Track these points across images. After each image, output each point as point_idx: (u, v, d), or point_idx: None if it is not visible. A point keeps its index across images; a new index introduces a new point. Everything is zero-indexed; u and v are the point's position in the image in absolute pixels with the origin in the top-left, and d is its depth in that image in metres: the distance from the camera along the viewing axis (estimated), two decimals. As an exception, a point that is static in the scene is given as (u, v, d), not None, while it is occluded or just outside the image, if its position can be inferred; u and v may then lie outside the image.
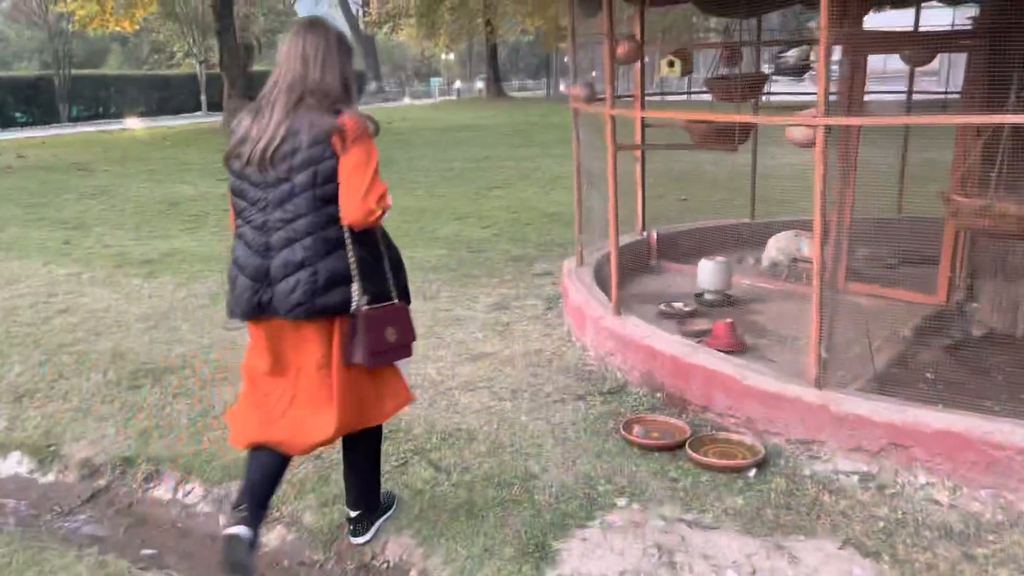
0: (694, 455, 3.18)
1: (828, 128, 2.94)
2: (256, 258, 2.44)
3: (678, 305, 5.07)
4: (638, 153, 6.15)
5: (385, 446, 3.28)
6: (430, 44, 38.03)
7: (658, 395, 3.82)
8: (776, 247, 5.79)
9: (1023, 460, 2.71)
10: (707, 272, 5.27)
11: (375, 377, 2.58)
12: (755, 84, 4.94)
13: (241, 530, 2.47)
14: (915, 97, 6.14)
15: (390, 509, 2.97)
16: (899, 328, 4.52)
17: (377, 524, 2.90)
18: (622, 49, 4.03)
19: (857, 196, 5.16)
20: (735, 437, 3.32)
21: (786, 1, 6.00)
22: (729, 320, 4.37)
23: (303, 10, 42.11)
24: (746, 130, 4.77)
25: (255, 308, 2.46)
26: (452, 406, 3.81)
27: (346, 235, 2.42)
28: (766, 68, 5.23)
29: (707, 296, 5.31)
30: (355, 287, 2.43)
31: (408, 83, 55.74)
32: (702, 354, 3.65)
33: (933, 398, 3.30)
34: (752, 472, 3.10)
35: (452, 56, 53.62)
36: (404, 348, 2.57)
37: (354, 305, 2.43)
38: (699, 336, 4.55)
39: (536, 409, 3.74)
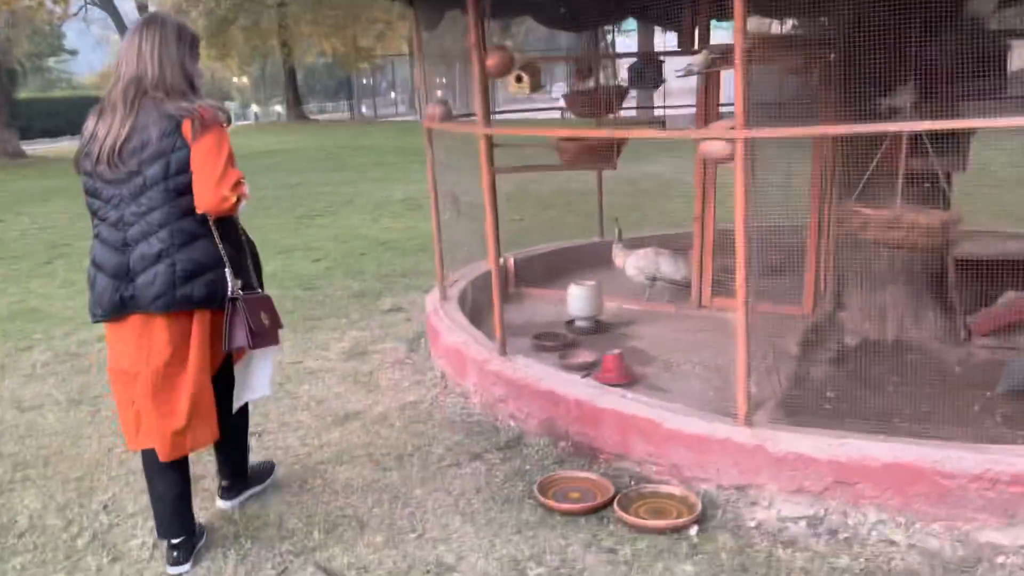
0: (626, 516, 2.80)
1: (749, 141, 2.68)
2: (115, 255, 2.46)
3: (554, 337, 4.72)
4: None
5: (257, 548, 2.76)
6: (220, 67, 35.98)
7: (562, 444, 3.42)
8: (635, 266, 5.58)
9: (976, 488, 2.55)
10: (577, 298, 4.97)
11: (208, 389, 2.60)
12: (616, 97, 4.70)
13: (180, 569, 2.63)
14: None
15: (264, 482, 3.15)
16: (779, 344, 4.41)
17: (246, 495, 3.07)
18: (492, 60, 3.62)
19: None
20: (664, 489, 2.98)
21: (628, 12, 5.86)
22: (617, 352, 4.06)
23: (73, 34, 38.62)
24: (620, 146, 4.51)
25: (117, 305, 2.47)
26: (328, 485, 3.21)
27: (212, 226, 2.48)
28: (623, 81, 4.98)
29: (578, 323, 5.01)
30: (228, 274, 2.51)
31: (195, 107, 52.50)
32: (611, 396, 3.29)
33: (844, 421, 3.14)
34: (694, 530, 2.76)
35: (245, 79, 51.30)
36: (274, 334, 2.68)
37: (230, 291, 2.50)
38: (584, 370, 4.22)
39: (430, 478, 3.23)
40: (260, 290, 2.68)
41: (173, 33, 2.48)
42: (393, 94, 47.93)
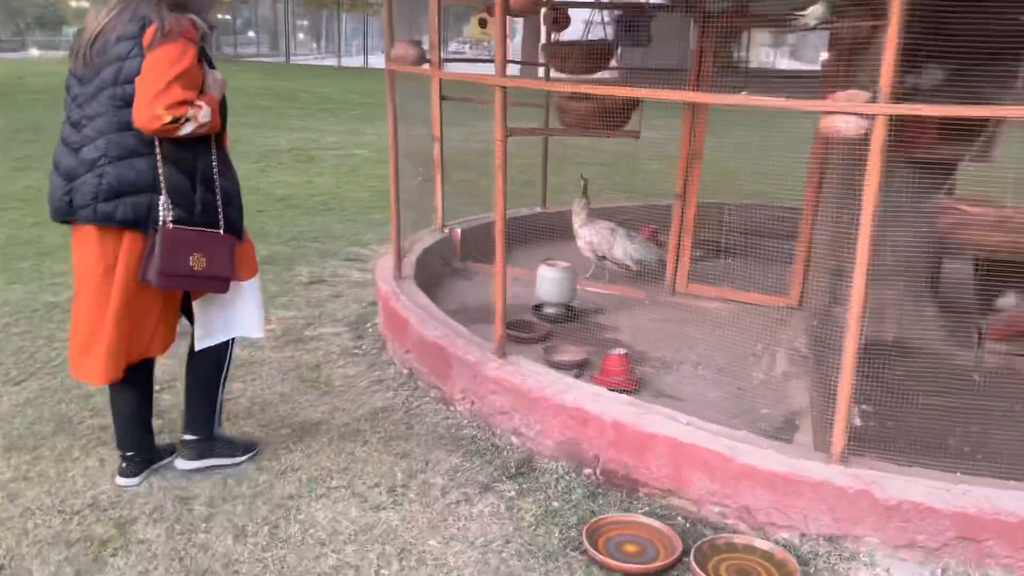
0: (710, 581, 2.25)
1: (892, 120, 2.13)
2: (69, 156, 2.39)
3: (528, 327, 4.09)
4: (435, 131, 5.02)
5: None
6: (60, -14, 32.30)
7: (587, 472, 2.83)
8: (586, 240, 5.00)
9: None
10: (549, 281, 4.35)
11: (157, 307, 2.49)
12: (601, 53, 4.06)
13: (128, 482, 2.66)
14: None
15: (234, 457, 2.81)
16: (777, 340, 3.98)
17: (208, 463, 2.77)
18: (517, -4, 2.89)
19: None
20: (739, 540, 2.44)
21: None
22: (622, 351, 3.49)
23: None
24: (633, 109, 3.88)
25: (62, 208, 2.40)
26: (306, 528, 2.47)
27: (156, 146, 2.32)
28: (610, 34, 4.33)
29: (548, 309, 4.40)
30: (162, 201, 2.33)
31: (28, 32, 47.38)
32: (659, 418, 2.71)
33: (912, 449, 2.73)
34: (796, 597, 2.24)
35: (85, 2, 46.64)
36: (214, 281, 2.46)
37: (160, 220, 2.33)
38: (573, 369, 3.63)
39: (439, 521, 2.55)
40: (220, 231, 2.45)
41: None
42: (252, 33, 45.04)
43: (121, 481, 2.67)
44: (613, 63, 4.23)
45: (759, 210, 6.64)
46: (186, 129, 2.25)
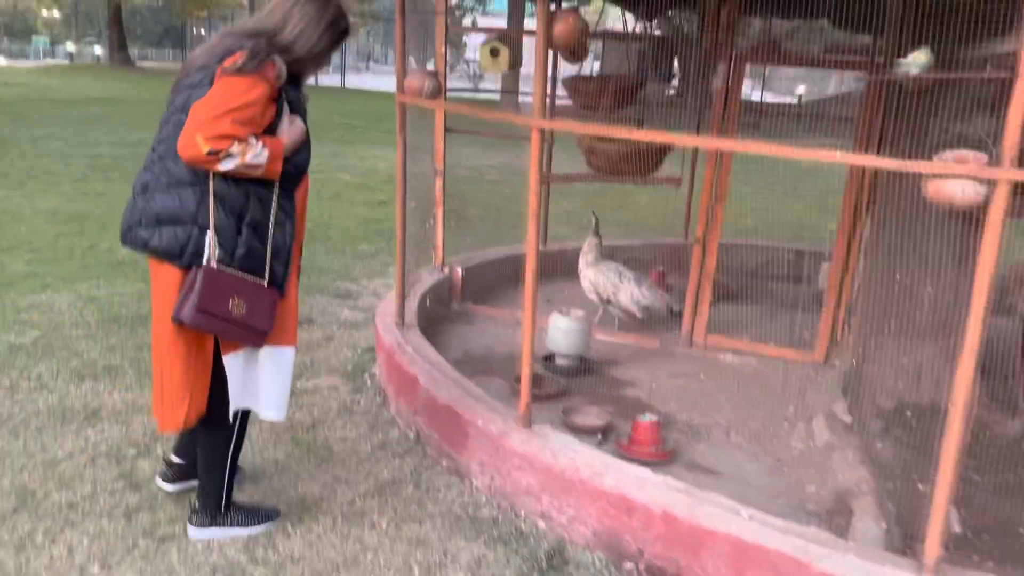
0: None
1: (1017, 186, 1.85)
2: (137, 179, 2.32)
3: (539, 382, 3.76)
4: (438, 163, 4.70)
5: None
6: (28, -6, 31.60)
7: (629, 567, 2.49)
8: (591, 280, 4.69)
9: None
10: (562, 332, 4.03)
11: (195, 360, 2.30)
12: (630, 88, 3.77)
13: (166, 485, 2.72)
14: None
15: (251, 527, 2.56)
16: (829, 405, 3.68)
17: (219, 533, 2.52)
18: (562, 26, 2.57)
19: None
20: (818, 660, 2.12)
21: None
22: (653, 419, 3.17)
23: None
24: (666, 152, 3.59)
25: (124, 229, 2.30)
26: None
27: (210, 179, 2.18)
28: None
29: (560, 361, 4.07)
30: (209, 238, 2.19)
31: (-3, 39, 46.38)
32: (716, 510, 2.38)
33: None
34: None
35: (56, 12, 45.85)
36: (250, 332, 2.27)
37: (205, 257, 2.19)
38: (596, 435, 3.31)
39: (468, 631, 2.19)
40: (264, 282, 2.28)
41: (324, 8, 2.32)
42: (411, 58, 44.52)
43: (160, 482, 2.74)
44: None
45: (766, 252, 6.45)
46: (226, 165, 2.11)
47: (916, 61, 2.36)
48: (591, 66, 4.13)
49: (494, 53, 4.20)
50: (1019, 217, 3.08)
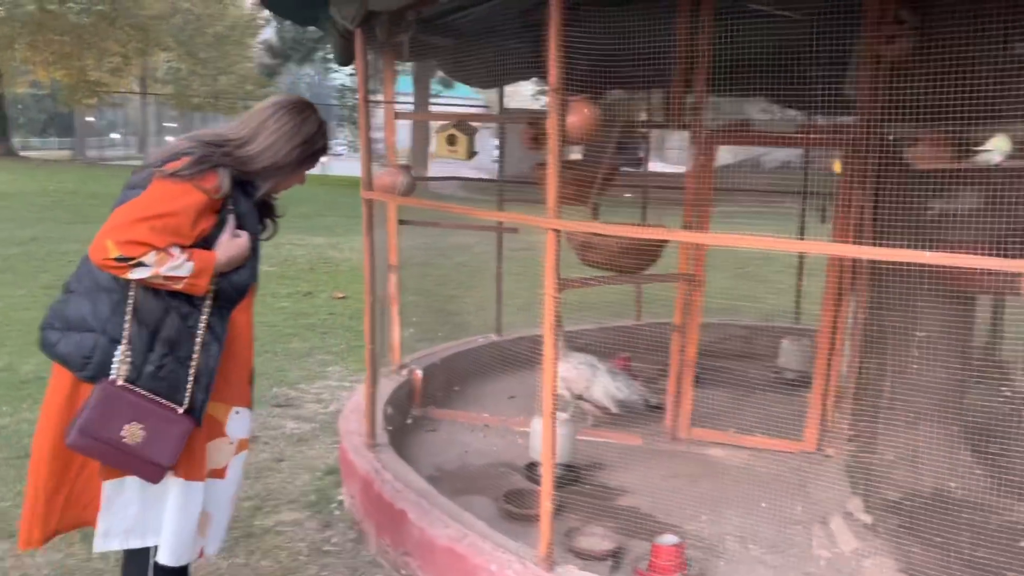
0: None
1: None
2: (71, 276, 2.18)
3: (528, 499, 3.40)
4: (392, 259, 4.35)
5: None
6: None
7: None
8: (562, 377, 4.40)
9: None
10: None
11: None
12: (606, 176, 3.55)
13: None
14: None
15: None
16: (843, 505, 3.44)
17: None
18: (576, 117, 2.31)
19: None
20: None
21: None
22: (675, 541, 2.85)
23: None
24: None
25: (40, 332, 2.11)
26: None
27: (131, 290, 2.00)
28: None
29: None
30: (119, 351, 1.98)
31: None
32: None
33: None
34: None
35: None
36: (143, 464, 1.96)
37: (113, 372, 1.98)
38: (607, 560, 2.96)
39: None
40: (180, 409, 2.00)
41: (287, 111, 2.17)
42: (115, 135, 43.26)
43: None
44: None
45: (716, 329, 6.30)
46: (137, 274, 1.92)
47: (999, 147, 2.21)
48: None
49: (451, 141, 3.95)
50: None
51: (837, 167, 5.25)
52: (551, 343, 2.39)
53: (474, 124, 4.05)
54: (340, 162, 23.21)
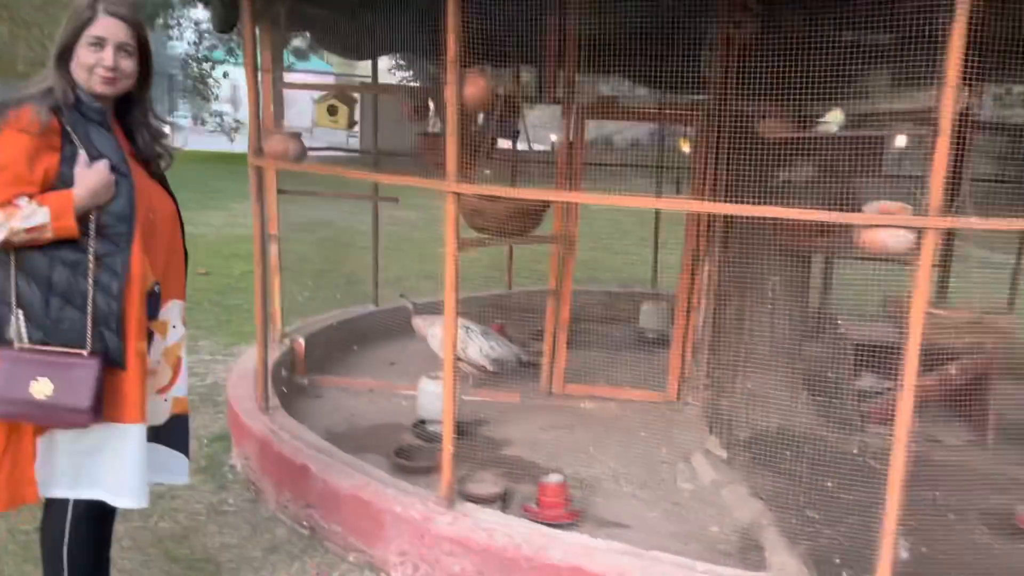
0: None
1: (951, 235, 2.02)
2: None
3: (418, 453, 3.59)
4: (272, 229, 4.38)
5: None
6: None
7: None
8: (439, 339, 4.61)
9: None
10: (433, 397, 3.86)
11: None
12: (488, 146, 3.75)
13: None
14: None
15: None
16: (702, 444, 3.81)
17: None
18: (473, 88, 2.47)
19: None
20: None
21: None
22: (559, 479, 3.11)
23: None
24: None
25: None
26: None
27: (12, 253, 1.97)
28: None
29: (432, 427, 3.91)
30: (14, 317, 1.97)
31: None
32: (671, 568, 2.36)
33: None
34: None
35: None
36: (65, 412, 1.96)
37: (11, 335, 1.98)
38: (496, 503, 3.19)
39: None
40: (84, 351, 1.98)
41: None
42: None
43: None
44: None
45: (581, 296, 6.66)
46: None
47: (835, 119, 2.55)
48: (433, 124, 4.06)
49: (332, 111, 4.02)
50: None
51: (685, 145, 5.68)
52: (452, 300, 2.56)
53: (353, 95, 4.14)
54: (183, 135, 22.18)
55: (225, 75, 22.89)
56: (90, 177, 1.96)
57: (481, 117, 4.02)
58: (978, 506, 3.35)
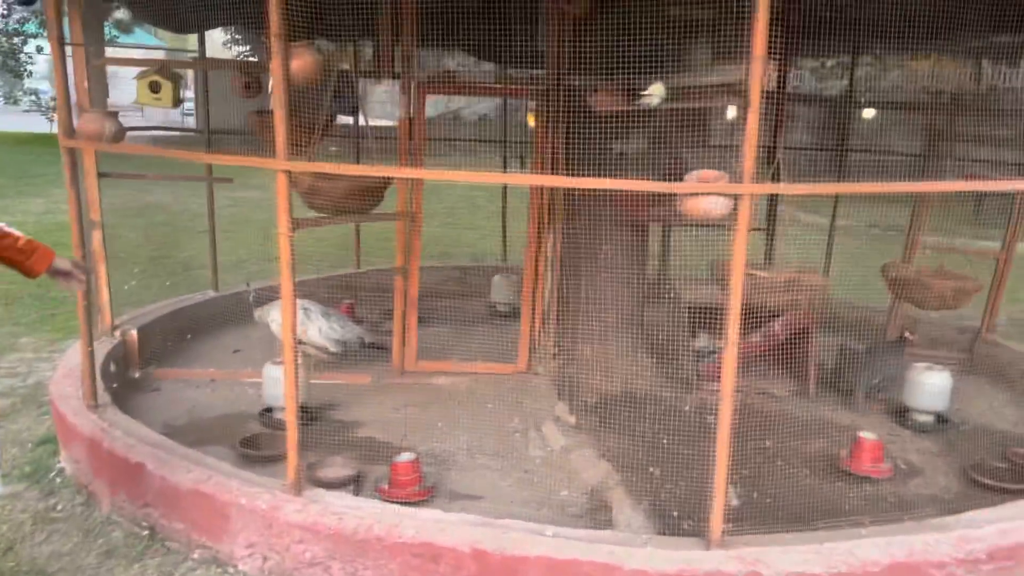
0: None
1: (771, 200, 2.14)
2: None
3: (264, 442, 3.49)
4: (94, 214, 4.10)
5: None
6: None
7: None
8: (279, 320, 4.51)
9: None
10: (278, 383, 3.75)
11: None
12: (325, 123, 3.64)
13: None
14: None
15: None
16: (552, 411, 3.90)
17: None
18: (300, 62, 2.37)
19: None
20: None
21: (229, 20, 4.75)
22: (412, 456, 3.11)
23: None
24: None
25: None
26: None
27: None
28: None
29: (279, 415, 3.80)
30: None
31: None
32: (522, 535, 2.41)
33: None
34: None
35: None
36: None
37: None
38: (350, 486, 3.15)
39: None
40: None
41: None
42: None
43: None
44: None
45: (434, 272, 6.65)
46: None
47: (656, 92, 2.63)
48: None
49: (154, 88, 3.80)
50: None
51: (531, 120, 5.75)
52: (288, 282, 2.49)
53: (178, 71, 3.92)
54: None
55: (39, 50, 21.10)
56: None
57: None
58: (801, 451, 3.62)
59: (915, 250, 4.74)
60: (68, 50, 3.16)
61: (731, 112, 3.98)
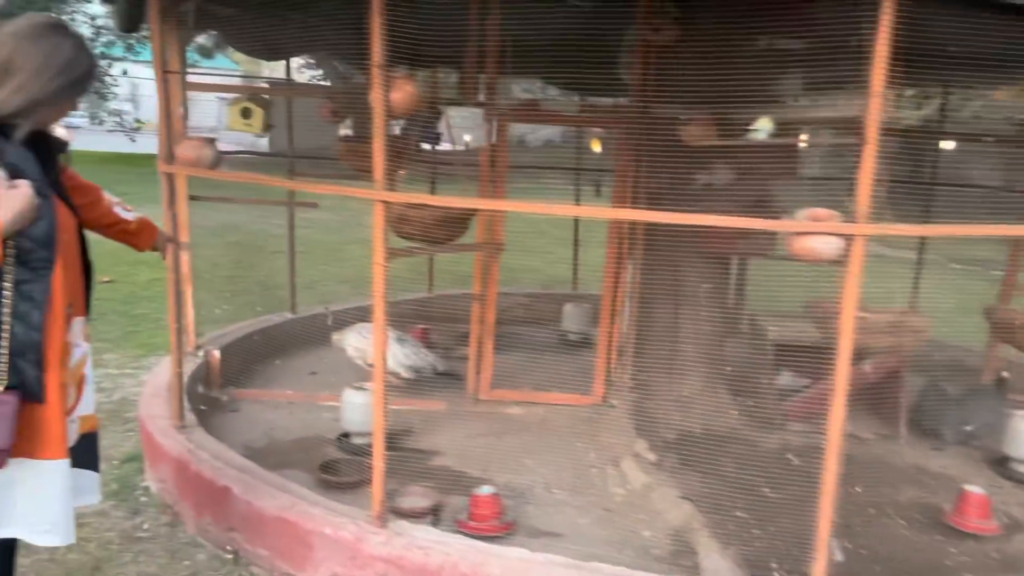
0: None
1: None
2: None
3: (344, 468, 3.49)
4: (184, 236, 4.18)
5: None
6: None
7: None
8: (355, 347, 4.55)
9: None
10: (358, 408, 3.77)
11: None
12: (404, 152, 3.66)
13: None
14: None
15: None
16: (631, 447, 3.82)
17: None
18: (400, 94, 2.39)
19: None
20: None
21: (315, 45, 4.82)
22: (491, 491, 3.07)
23: None
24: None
25: None
26: None
27: None
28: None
29: (357, 439, 3.80)
30: None
31: None
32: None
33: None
34: None
35: None
36: None
37: None
38: (428, 517, 3.12)
39: None
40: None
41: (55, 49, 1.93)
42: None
43: None
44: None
45: (503, 299, 6.64)
46: None
47: (764, 127, 2.57)
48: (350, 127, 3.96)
49: (246, 114, 3.88)
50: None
51: (596, 145, 5.70)
52: (381, 311, 2.49)
53: (266, 96, 4.00)
54: (81, 135, 21.17)
55: (124, 73, 21.94)
56: (14, 200, 1.81)
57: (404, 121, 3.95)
58: (893, 499, 3.46)
59: (1011, 291, 4.54)
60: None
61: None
